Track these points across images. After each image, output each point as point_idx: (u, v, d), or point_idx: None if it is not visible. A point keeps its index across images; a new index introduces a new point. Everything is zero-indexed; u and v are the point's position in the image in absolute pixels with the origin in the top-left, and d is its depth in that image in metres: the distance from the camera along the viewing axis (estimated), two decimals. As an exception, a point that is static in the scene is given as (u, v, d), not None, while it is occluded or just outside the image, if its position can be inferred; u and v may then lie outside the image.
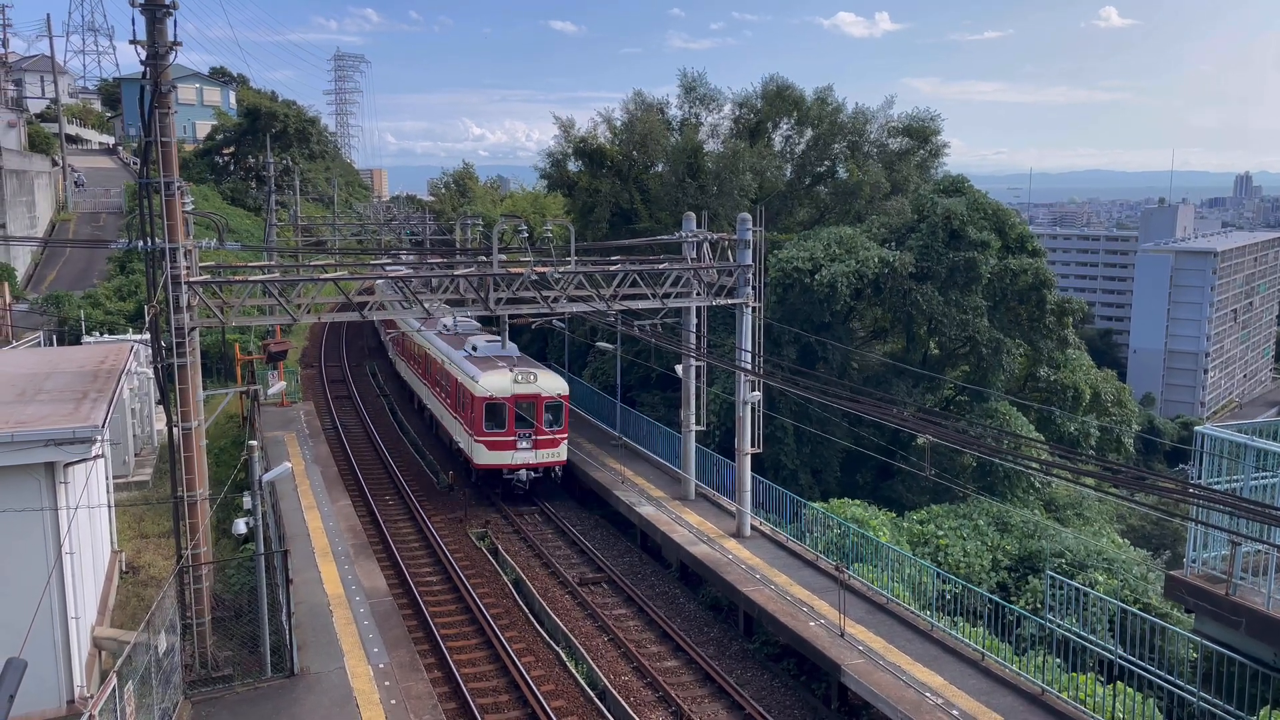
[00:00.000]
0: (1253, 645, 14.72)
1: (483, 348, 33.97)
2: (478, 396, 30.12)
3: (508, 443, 30.41)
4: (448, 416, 34.82)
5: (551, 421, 30.76)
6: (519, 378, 30.51)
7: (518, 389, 30.33)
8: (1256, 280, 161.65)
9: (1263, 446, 15.30)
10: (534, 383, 30.59)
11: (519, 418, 30.19)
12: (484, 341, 34.95)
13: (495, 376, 30.48)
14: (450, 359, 34.53)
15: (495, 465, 30.70)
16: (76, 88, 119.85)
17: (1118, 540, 35.20)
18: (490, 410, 30.19)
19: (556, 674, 20.38)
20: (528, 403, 30.32)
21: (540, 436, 30.53)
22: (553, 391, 30.95)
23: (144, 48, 17.02)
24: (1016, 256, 42.76)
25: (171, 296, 17.94)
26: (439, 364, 36.29)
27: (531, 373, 30.91)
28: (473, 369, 31.58)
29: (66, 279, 57.86)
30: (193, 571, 18.49)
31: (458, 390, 32.76)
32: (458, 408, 33.02)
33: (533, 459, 30.62)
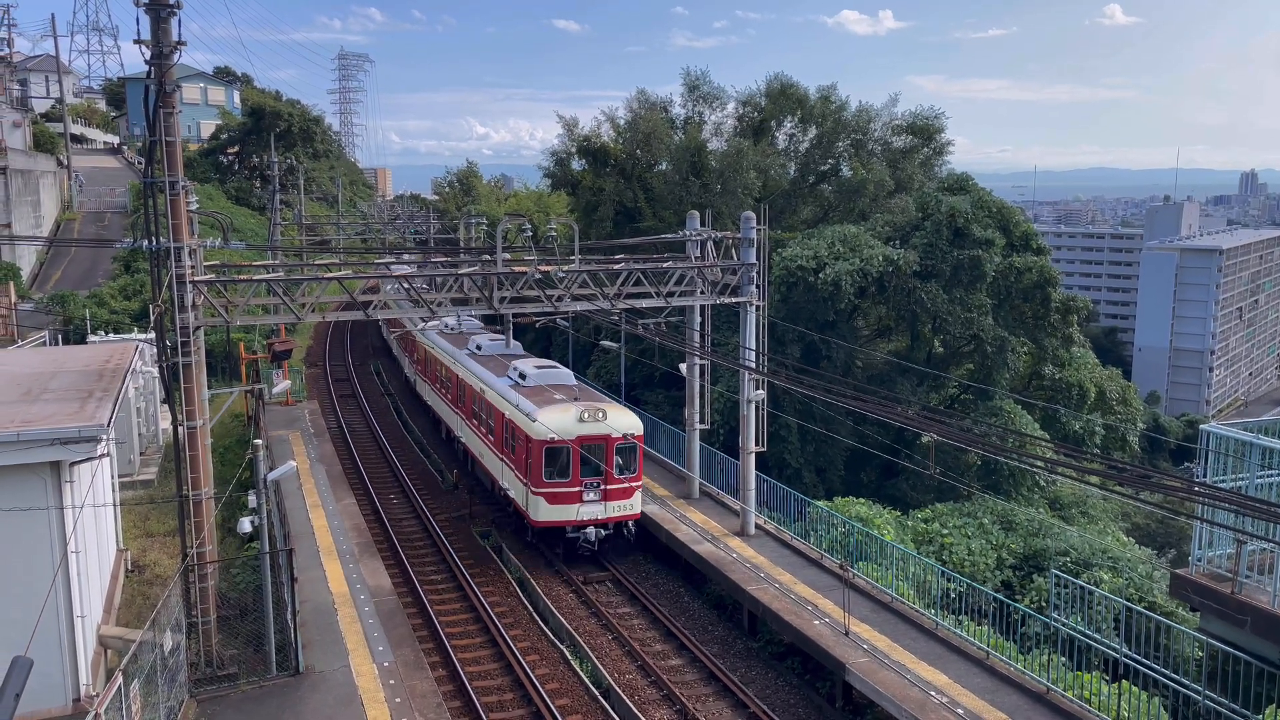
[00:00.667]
0: (1258, 644, 14.68)
1: (533, 374, 28.56)
2: (535, 439, 24.98)
3: (572, 495, 25.31)
4: (490, 455, 29.61)
5: (623, 467, 25.65)
6: (585, 415, 25.29)
7: (584, 429, 25.17)
8: (1262, 278, 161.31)
9: (1268, 445, 15.26)
10: (603, 421, 25.33)
11: (585, 463, 25.19)
12: (533, 367, 29.44)
13: (556, 413, 25.38)
14: (492, 387, 29.64)
15: (557, 522, 25.57)
16: (81, 87, 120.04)
17: (1123, 539, 35.15)
18: (550, 455, 25.03)
19: (561, 672, 20.39)
20: (596, 445, 25.28)
21: (611, 486, 25.44)
22: (625, 430, 25.57)
23: (148, 47, 17.05)
24: (1021, 254, 42.70)
25: (176, 296, 17.97)
26: (476, 391, 31.16)
27: (599, 408, 25.68)
28: (526, 403, 26.42)
29: (71, 278, 57.99)
30: (198, 570, 18.53)
31: (506, 428, 27.52)
32: (504, 447, 27.84)
33: (602, 513, 25.52)
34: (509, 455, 27.30)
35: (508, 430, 27.32)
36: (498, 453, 28.62)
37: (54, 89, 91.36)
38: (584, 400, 26.71)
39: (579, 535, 25.48)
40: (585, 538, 25.47)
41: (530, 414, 25.64)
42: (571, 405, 25.89)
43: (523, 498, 26.18)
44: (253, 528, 19.29)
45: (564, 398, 26.80)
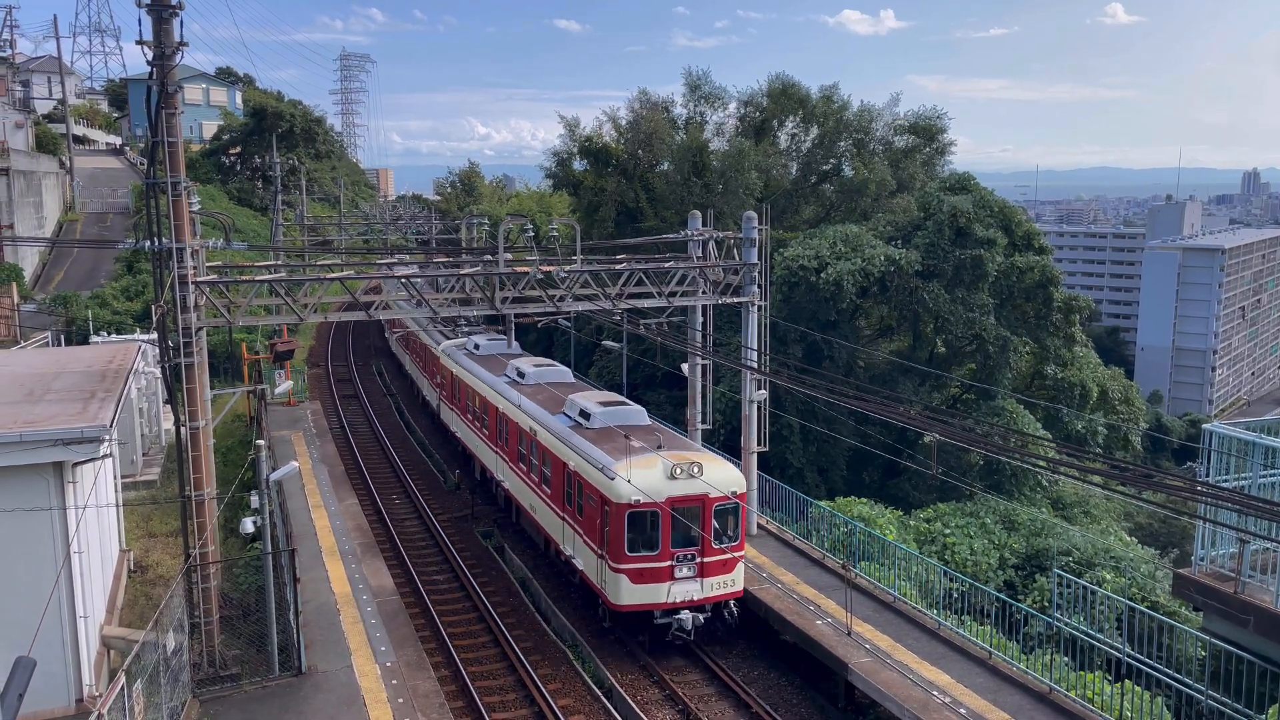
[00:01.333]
0: (1261, 643, 14.67)
1: (598, 412, 23.41)
2: (616, 502, 20.04)
3: (661, 571, 20.37)
4: (545, 510, 24.67)
5: (723, 533, 20.75)
6: (677, 470, 20.17)
7: (676, 488, 20.15)
8: (1264, 277, 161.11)
9: (1271, 444, 15.24)
10: (699, 477, 20.21)
11: (677, 531, 20.31)
12: (596, 403, 24.11)
13: (641, 469, 20.21)
14: (546, 428, 24.50)
15: (643, 606, 20.46)
16: (83, 88, 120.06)
17: (1125, 538, 35.11)
18: (635, 522, 20.10)
19: (563, 672, 20.39)
20: (690, 508, 20.31)
21: (709, 558, 20.58)
22: (726, 488, 20.49)
23: (150, 48, 17.07)
24: (1023, 254, 42.70)
25: (178, 296, 17.99)
26: (523, 431, 26.13)
27: (693, 461, 20.55)
28: (597, 453, 21.44)
29: (74, 279, 58.05)
30: (200, 570, 18.54)
31: (570, 482, 22.54)
32: (566, 505, 22.90)
33: (698, 593, 20.58)
34: (574, 517, 22.30)
35: (572, 485, 22.35)
36: (557, 509, 23.53)
37: (56, 90, 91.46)
38: (671, 448, 21.54)
39: (671, 622, 20.48)
40: (680, 625, 20.42)
41: (607, 469, 20.59)
42: (656, 457, 20.77)
43: (597, 574, 21.13)
44: (255, 528, 19.30)
45: (642, 444, 21.64)
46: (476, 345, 34.79)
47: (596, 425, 22.99)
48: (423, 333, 42.40)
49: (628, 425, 23.00)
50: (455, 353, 35.52)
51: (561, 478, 23.11)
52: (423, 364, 42.39)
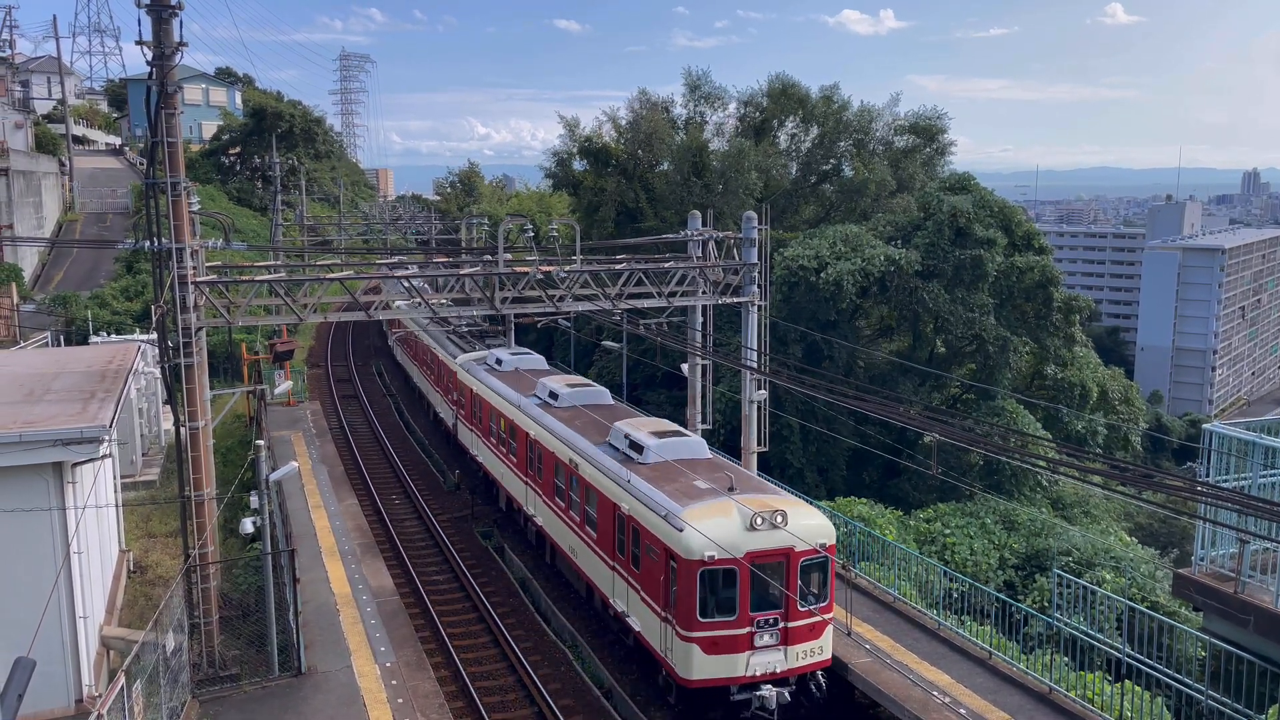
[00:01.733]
0: (1261, 643, 14.66)
1: (653, 445, 20.38)
2: (686, 559, 16.92)
3: (739, 639, 17.29)
4: (589, 557, 21.48)
5: (808, 591, 17.67)
6: (757, 520, 17.02)
7: (756, 541, 17.01)
8: (1264, 277, 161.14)
9: (1271, 444, 15.24)
10: (782, 527, 17.14)
11: (756, 591, 17.19)
12: (649, 434, 20.94)
13: (714, 518, 17.16)
14: (591, 461, 21.42)
15: (718, 680, 17.39)
16: (83, 88, 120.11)
17: (1125, 538, 35.13)
18: (709, 582, 16.99)
19: (563, 673, 20.39)
20: (773, 564, 17.22)
21: (794, 623, 17.46)
22: (813, 540, 17.37)
23: (150, 48, 17.06)
24: (1023, 254, 42.70)
25: (178, 296, 17.98)
26: (561, 463, 23.11)
27: (775, 509, 17.30)
28: (659, 496, 18.41)
29: (73, 279, 58.05)
30: (200, 571, 18.54)
31: (623, 528, 19.41)
32: (618, 552, 19.80)
33: (781, 663, 17.54)
34: (628, 568, 19.29)
35: (626, 532, 19.29)
36: (605, 558, 20.45)
37: (56, 90, 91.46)
38: (744, 489, 18.31)
39: (750, 698, 17.51)
40: (761, 703, 17.42)
41: (672, 516, 17.51)
42: (730, 502, 17.57)
43: (660, 640, 18.03)
44: (255, 528, 19.29)
45: (709, 484, 18.59)
46: (499, 360, 31.49)
47: (652, 460, 20.00)
48: (435, 345, 38.87)
49: (688, 459, 20.13)
50: (475, 369, 32.19)
51: (612, 522, 19.96)
52: (435, 378, 39.10)
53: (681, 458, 20.20)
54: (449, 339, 38.14)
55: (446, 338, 38.43)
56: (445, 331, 39.44)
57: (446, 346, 37.22)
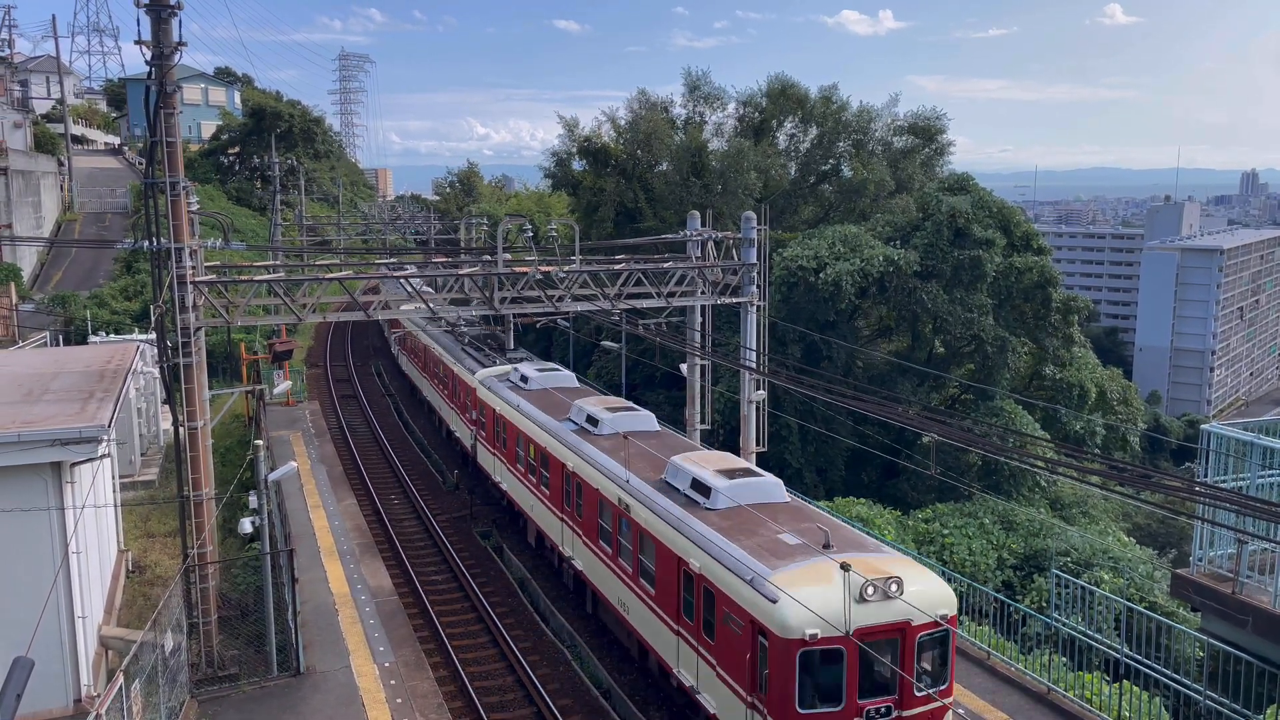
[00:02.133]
0: (1259, 644, 14.68)
1: (723, 486, 17.28)
2: (783, 637, 13.84)
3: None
4: (651, 621, 18.13)
5: (925, 672, 14.62)
6: (869, 589, 13.84)
7: (866, 614, 13.92)
8: (1263, 278, 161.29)
9: (1268, 444, 15.26)
10: (897, 597, 14.07)
11: (865, 674, 14.15)
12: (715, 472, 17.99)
13: (814, 587, 13.97)
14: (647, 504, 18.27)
15: None
16: (82, 88, 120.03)
17: (1123, 539, 35.17)
18: (809, 664, 13.91)
19: (562, 673, 20.39)
20: (886, 641, 14.24)
21: (910, 711, 14.43)
22: (933, 610, 14.33)
23: (149, 48, 17.08)
24: (1022, 254, 42.73)
25: (177, 296, 17.99)
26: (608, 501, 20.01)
27: (889, 575, 14.10)
28: (740, 555, 15.22)
29: (72, 279, 58.04)
30: (199, 571, 18.55)
31: (694, 588, 16.27)
32: (686, 614, 16.70)
33: None
34: (699, 637, 16.26)
35: (696, 592, 16.24)
36: (669, 620, 17.36)
37: (55, 90, 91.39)
38: (843, 546, 15.14)
39: None
40: None
41: (760, 581, 14.38)
42: (829, 565, 14.19)
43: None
44: (253, 528, 19.31)
45: (798, 539, 15.52)
46: (524, 378, 28.37)
47: (722, 504, 17.09)
48: (449, 357, 35.64)
49: (764, 504, 17.15)
50: (498, 386, 29.04)
51: (676, 578, 16.93)
52: (449, 393, 35.78)
53: (757, 502, 17.14)
54: (464, 351, 34.87)
55: (461, 349, 35.21)
56: (460, 344, 36.16)
57: (463, 360, 33.84)
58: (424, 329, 41.66)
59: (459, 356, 34.61)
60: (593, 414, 23.35)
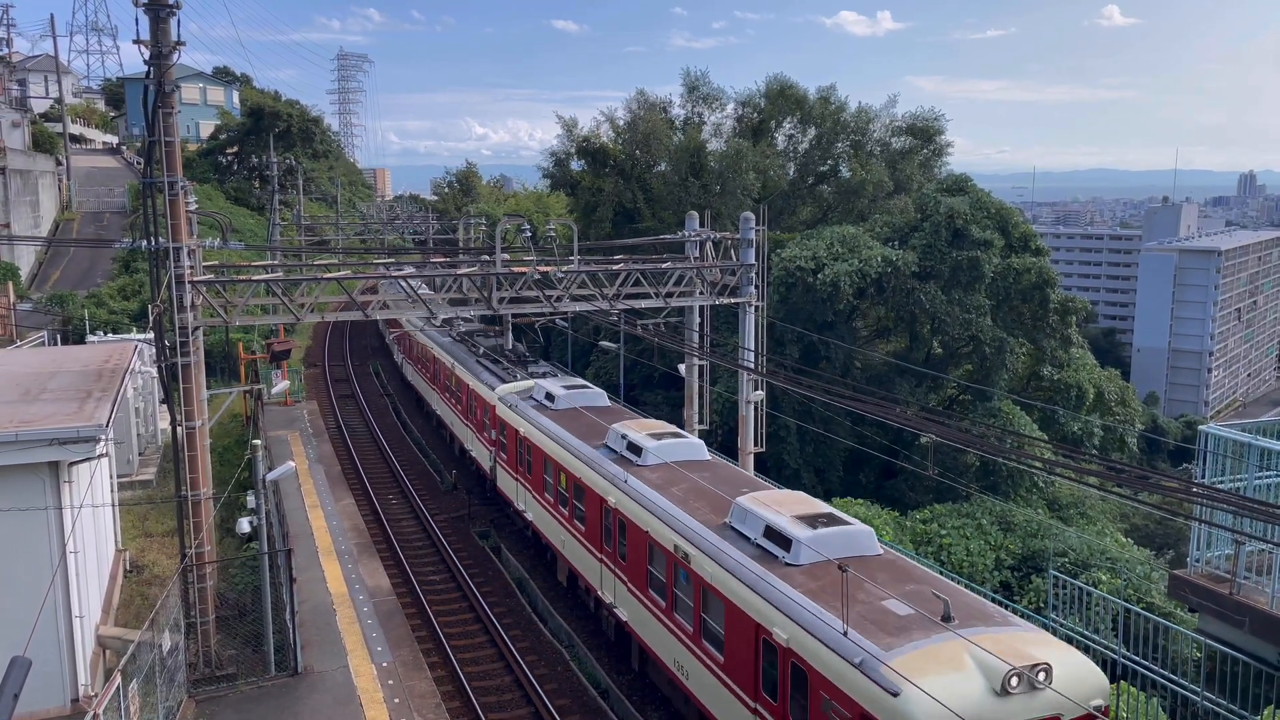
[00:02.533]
0: (1257, 644, 14.69)
1: (807, 538, 14.66)
2: None
3: None
4: (729, 701, 15.26)
5: None
6: (1012, 681, 11.39)
7: (1010, 711, 11.48)
8: (1260, 279, 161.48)
9: (1266, 446, 15.27)
10: (1044, 688, 11.54)
11: None
12: (795, 519, 15.35)
13: (943, 677, 11.49)
14: (714, 555, 15.61)
15: None
16: (80, 87, 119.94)
17: (1121, 539, 35.18)
18: None
19: (560, 673, 20.39)
20: None
21: None
22: (1086, 700, 11.84)
23: (147, 47, 17.07)
24: (1020, 255, 42.76)
25: (175, 296, 17.98)
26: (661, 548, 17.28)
27: (1040, 664, 11.59)
28: (856, 638, 12.41)
29: (70, 278, 57.98)
30: (196, 570, 18.53)
31: (780, 663, 13.70)
32: (768, 693, 14.13)
33: None
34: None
35: (782, 669, 13.61)
36: (744, 697, 14.71)
37: (53, 89, 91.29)
38: (968, 620, 12.63)
39: None
40: None
41: (873, 666, 11.91)
42: (959, 646, 11.94)
43: None
44: (251, 528, 19.31)
45: (912, 608, 13.00)
46: (550, 395, 25.92)
47: (806, 559, 14.35)
48: (463, 369, 32.88)
49: (856, 557, 14.30)
50: (521, 405, 26.40)
51: (753, 647, 14.24)
52: (464, 409, 32.79)
53: (846, 554, 14.24)
54: (480, 363, 32.12)
55: (477, 361, 32.59)
56: (474, 355, 33.57)
57: (479, 373, 31.10)
58: (433, 338, 39.22)
59: (474, 369, 31.91)
60: (634, 441, 20.76)
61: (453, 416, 35.56)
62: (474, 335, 37.61)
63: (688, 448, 20.80)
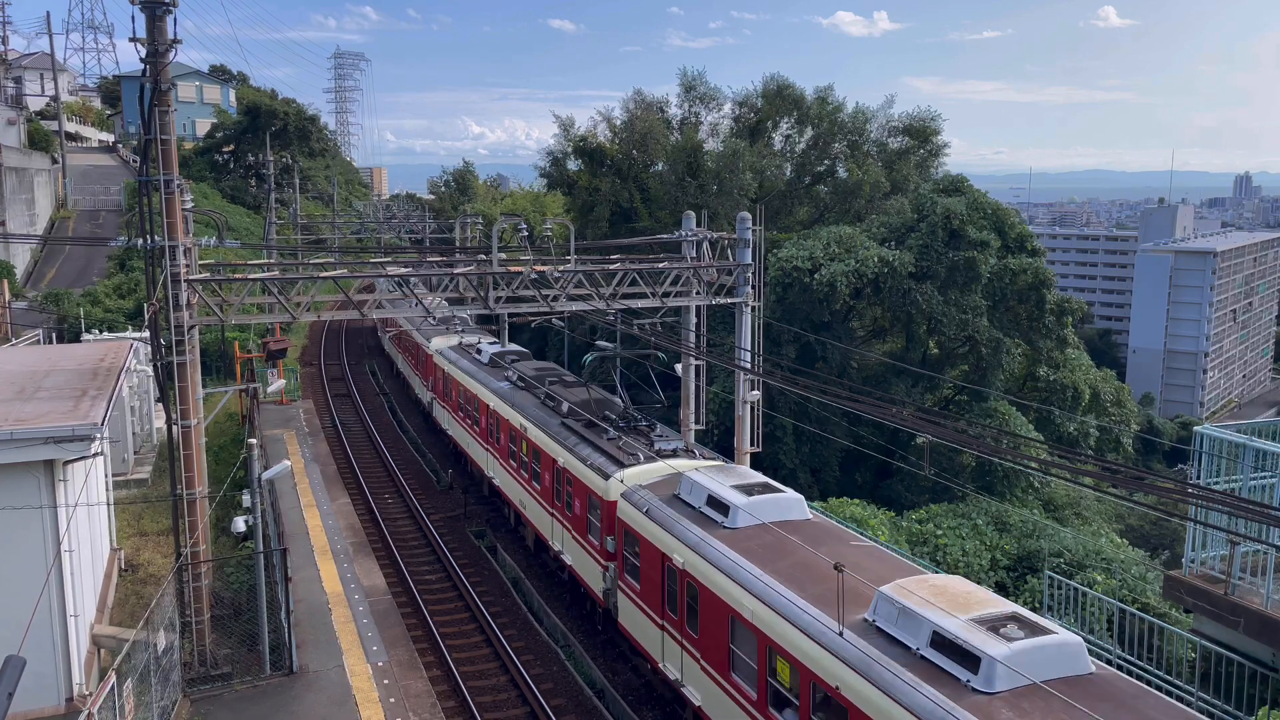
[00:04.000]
0: (1251, 645, 14.72)
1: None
2: None
3: None
4: None
5: None
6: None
7: None
8: (1256, 280, 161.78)
9: (1261, 447, 15.30)
10: None
11: None
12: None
13: None
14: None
15: None
16: (76, 85, 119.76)
17: (1116, 540, 35.24)
18: None
19: (555, 672, 20.38)
20: None
21: None
22: None
23: (144, 45, 17.03)
24: (1016, 256, 42.82)
25: (171, 294, 17.94)
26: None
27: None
28: None
29: (66, 277, 57.86)
30: (192, 569, 18.50)
31: None
32: None
33: None
34: None
35: None
36: None
37: (49, 87, 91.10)
38: None
39: None
40: None
41: None
42: None
43: None
44: (247, 527, 19.27)
45: None
46: (718, 505, 16.88)
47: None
48: (541, 430, 24.12)
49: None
50: (668, 515, 17.54)
51: None
52: (548, 492, 23.56)
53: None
54: (569, 428, 23.26)
55: (562, 424, 23.69)
56: (552, 411, 25.00)
57: (575, 446, 22.16)
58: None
59: (563, 438, 22.83)
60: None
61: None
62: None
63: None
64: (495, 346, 33.64)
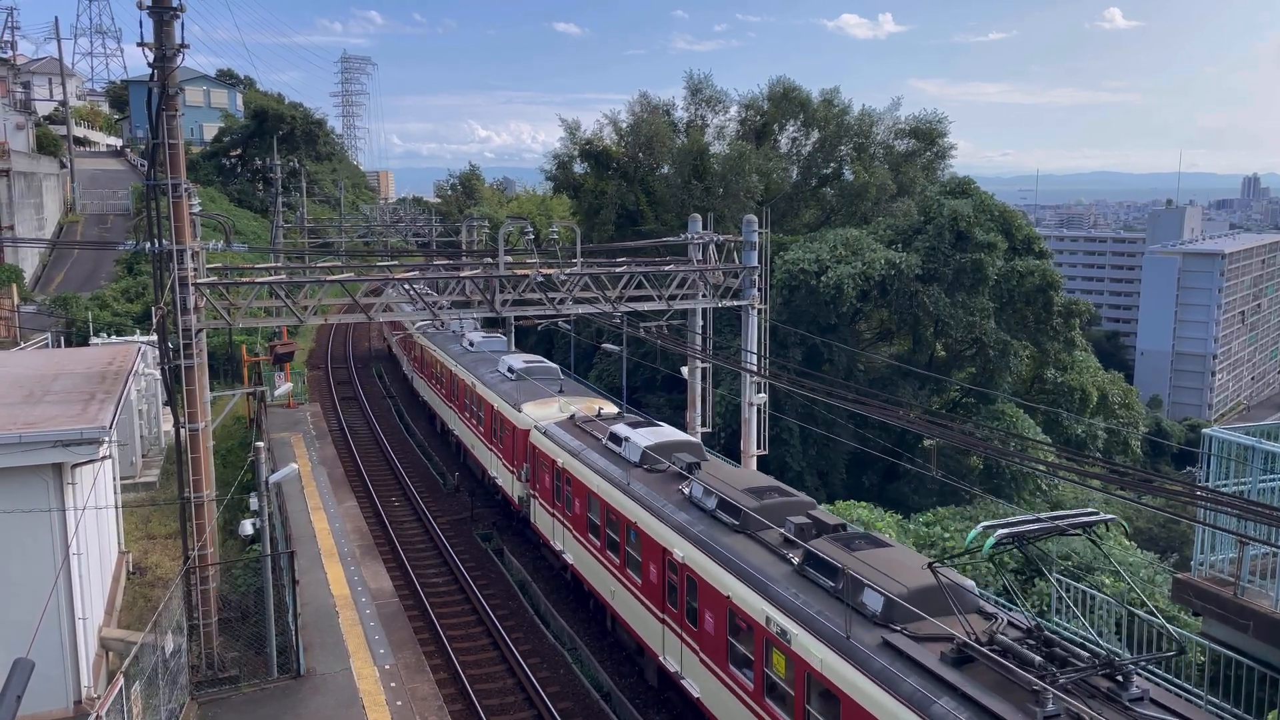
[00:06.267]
0: (1261, 648, 14.65)
1: None
2: None
3: None
4: None
5: None
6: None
7: None
8: (1264, 282, 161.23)
9: (1270, 449, 15.23)
10: None
11: None
12: None
13: None
14: None
15: None
16: (84, 90, 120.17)
17: (1125, 543, 35.11)
18: None
19: (562, 675, 20.37)
20: None
21: None
22: None
23: (151, 50, 17.09)
24: (1023, 258, 42.73)
25: (179, 298, 17.99)
26: None
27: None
28: None
29: (74, 281, 58.06)
30: (199, 572, 18.53)
31: None
32: None
33: None
34: None
35: None
36: None
37: (57, 91, 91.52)
38: None
39: None
40: None
41: None
42: None
43: None
44: (254, 530, 19.29)
45: None
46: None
47: None
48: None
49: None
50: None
51: None
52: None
53: None
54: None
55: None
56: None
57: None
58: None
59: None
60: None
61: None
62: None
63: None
64: (647, 438, 20.83)
